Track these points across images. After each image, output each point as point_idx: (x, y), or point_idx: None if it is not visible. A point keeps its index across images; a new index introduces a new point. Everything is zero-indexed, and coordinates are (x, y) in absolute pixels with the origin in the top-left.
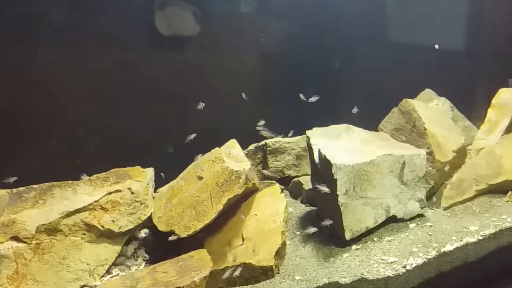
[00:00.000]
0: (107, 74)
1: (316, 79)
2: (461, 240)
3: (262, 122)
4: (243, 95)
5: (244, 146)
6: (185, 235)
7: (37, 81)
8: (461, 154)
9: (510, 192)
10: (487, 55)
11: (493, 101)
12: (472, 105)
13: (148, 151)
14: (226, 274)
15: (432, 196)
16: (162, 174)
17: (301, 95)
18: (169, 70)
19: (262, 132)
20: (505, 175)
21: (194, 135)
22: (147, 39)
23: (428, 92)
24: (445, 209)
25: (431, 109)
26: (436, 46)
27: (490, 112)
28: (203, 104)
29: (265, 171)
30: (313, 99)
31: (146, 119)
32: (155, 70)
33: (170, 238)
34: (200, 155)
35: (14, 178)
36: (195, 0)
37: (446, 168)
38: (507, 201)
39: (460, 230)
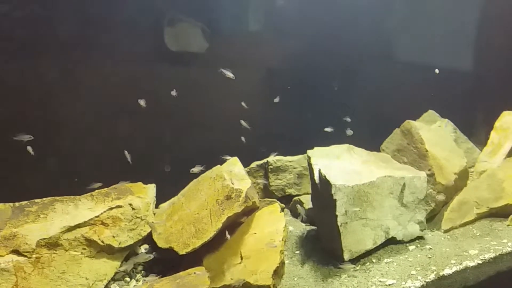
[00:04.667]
0: (112, 89)
1: (320, 98)
2: (461, 264)
3: None
4: (243, 103)
5: (246, 164)
6: (184, 253)
7: (39, 95)
8: (463, 176)
9: (511, 216)
10: (491, 78)
11: (496, 123)
12: (475, 127)
13: (150, 167)
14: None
15: (432, 218)
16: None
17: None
18: (175, 86)
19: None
20: (506, 199)
21: (201, 168)
22: (155, 55)
23: (431, 114)
24: (445, 231)
25: (433, 131)
26: (437, 71)
27: (493, 135)
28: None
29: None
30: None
31: (150, 135)
32: (161, 86)
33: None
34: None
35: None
36: (203, 17)
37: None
38: (508, 225)
39: (459, 253)
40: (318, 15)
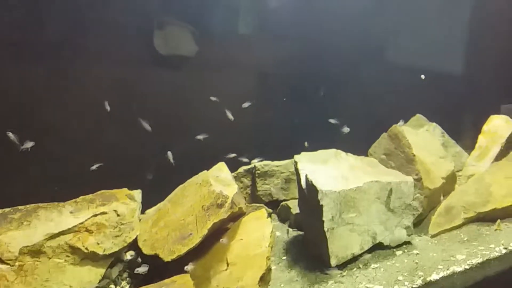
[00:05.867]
0: (101, 92)
1: (309, 102)
2: (448, 269)
3: None
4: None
5: (233, 169)
6: (169, 259)
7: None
8: (451, 180)
9: (498, 221)
10: (480, 81)
11: (484, 127)
12: (463, 131)
13: (137, 172)
14: None
15: (420, 223)
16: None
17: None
18: (164, 90)
19: None
20: (494, 203)
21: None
22: (144, 58)
23: (418, 118)
24: (433, 236)
25: (421, 135)
26: (422, 76)
27: (481, 139)
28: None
29: None
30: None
31: (137, 139)
32: (150, 89)
33: None
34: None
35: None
36: (193, 20)
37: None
38: (496, 229)
39: (447, 258)
40: (308, 18)
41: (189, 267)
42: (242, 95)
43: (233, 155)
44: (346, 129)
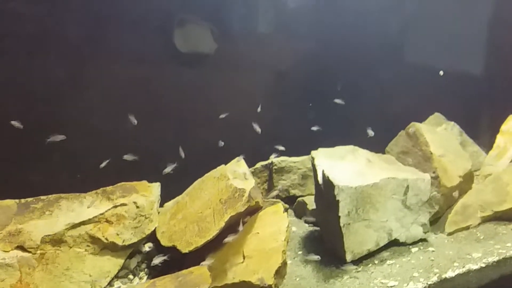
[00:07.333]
0: (120, 88)
1: (327, 100)
2: (463, 267)
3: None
4: (259, 108)
5: (251, 164)
6: (187, 251)
7: (50, 94)
8: (468, 179)
9: None
10: (499, 81)
11: (503, 127)
12: (481, 130)
13: (157, 166)
14: None
15: (436, 220)
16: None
17: None
18: (184, 87)
19: None
20: (511, 203)
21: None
22: (164, 56)
23: (437, 116)
24: (449, 234)
25: (439, 134)
26: (441, 73)
27: (499, 138)
28: None
29: (272, 194)
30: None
31: (158, 135)
32: (169, 86)
33: None
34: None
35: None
36: (213, 18)
37: (454, 194)
38: None
39: (463, 256)
40: (326, 17)
41: (206, 262)
42: (264, 92)
43: (281, 148)
44: (371, 132)
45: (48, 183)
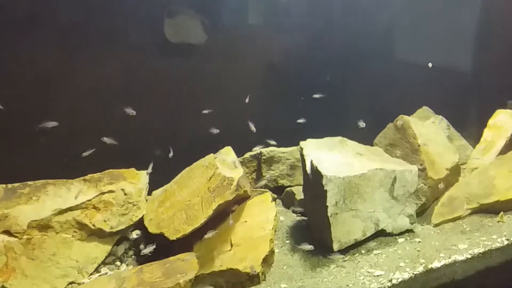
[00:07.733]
0: (111, 77)
1: (317, 92)
2: (449, 258)
3: None
4: (247, 99)
5: (240, 154)
6: (174, 238)
7: (39, 81)
8: (455, 172)
9: (501, 213)
10: (487, 76)
11: (490, 121)
12: (468, 124)
13: (145, 154)
14: None
15: (423, 212)
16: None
17: None
18: (173, 77)
19: None
20: (497, 196)
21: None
22: (154, 46)
23: (425, 110)
24: (435, 226)
25: (427, 127)
26: (430, 65)
27: (486, 132)
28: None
29: (261, 183)
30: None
31: (146, 123)
32: (159, 76)
33: None
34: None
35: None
36: (203, 9)
37: (440, 186)
38: (499, 221)
39: (449, 247)
40: (314, 10)
41: (208, 235)
42: (254, 83)
43: (273, 142)
44: (362, 124)
45: (35, 169)
